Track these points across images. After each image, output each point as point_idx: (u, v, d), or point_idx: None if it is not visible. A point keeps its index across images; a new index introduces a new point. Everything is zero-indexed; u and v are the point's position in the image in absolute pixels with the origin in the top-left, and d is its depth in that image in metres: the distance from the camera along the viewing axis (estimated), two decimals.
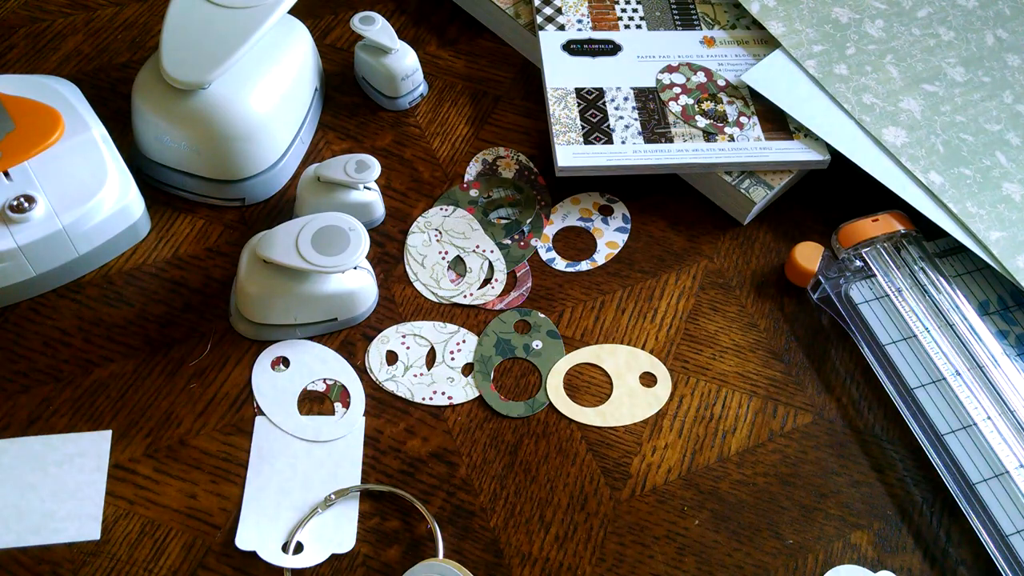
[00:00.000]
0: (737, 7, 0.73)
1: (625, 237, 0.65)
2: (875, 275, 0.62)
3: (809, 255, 0.62)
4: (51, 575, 0.51)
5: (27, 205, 0.57)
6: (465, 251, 0.64)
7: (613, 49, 0.70)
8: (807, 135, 0.65)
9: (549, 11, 0.71)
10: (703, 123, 0.66)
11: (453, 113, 0.71)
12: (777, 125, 0.66)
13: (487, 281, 0.63)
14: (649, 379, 0.59)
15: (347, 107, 0.70)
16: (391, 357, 0.59)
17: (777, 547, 0.54)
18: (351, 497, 0.54)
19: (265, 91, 0.62)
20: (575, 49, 0.69)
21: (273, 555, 0.52)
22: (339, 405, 0.57)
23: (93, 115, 0.62)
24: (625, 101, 0.66)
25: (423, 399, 0.58)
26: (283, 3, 0.61)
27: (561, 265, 0.64)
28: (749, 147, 0.64)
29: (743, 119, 0.66)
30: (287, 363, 0.59)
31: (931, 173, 0.63)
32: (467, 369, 0.59)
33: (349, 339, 0.60)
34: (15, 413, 0.56)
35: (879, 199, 0.65)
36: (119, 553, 0.52)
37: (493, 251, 0.64)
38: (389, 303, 0.61)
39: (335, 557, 0.52)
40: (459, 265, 0.63)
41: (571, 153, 0.64)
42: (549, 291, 0.63)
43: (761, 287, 0.64)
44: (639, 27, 0.71)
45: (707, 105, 0.67)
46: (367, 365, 0.59)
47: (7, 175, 0.58)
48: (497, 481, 0.55)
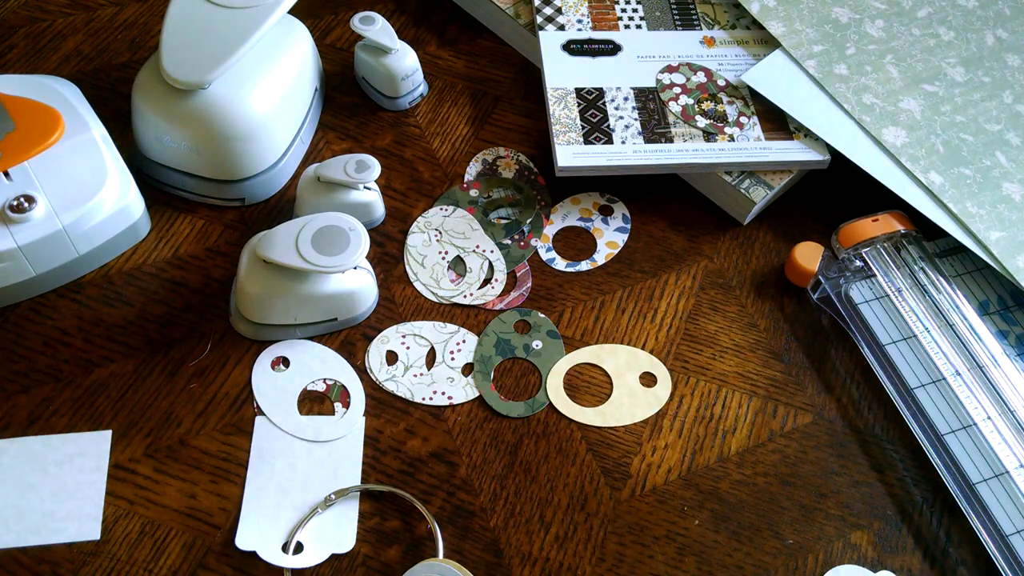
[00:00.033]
0: (737, 7, 0.73)
1: (625, 237, 0.65)
2: (875, 275, 0.62)
3: (809, 255, 0.62)
4: (51, 575, 0.51)
5: (27, 205, 0.57)
6: (465, 251, 0.64)
7: (613, 49, 0.69)
8: (807, 135, 0.65)
9: (549, 11, 0.71)
10: (703, 123, 0.66)
11: (453, 113, 0.71)
12: (777, 125, 0.66)
13: (487, 281, 0.63)
14: (649, 379, 0.59)
15: (347, 107, 0.70)
16: (391, 357, 0.59)
17: (777, 547, 0.54)
18: (351, 497, 0.54)
19: (265, 91, 0.62)
20: (575, 49, 0.69)
21: (273, 555, 0.52)
22: (339, 405, 0.57)
23: (93, 115, 0.62)
24: (625, 101, 0.66)
25: (423, 399, 0.58)
26: (283, 3, 0.61)
27: (561, 265, 0.64)
28: (749, 147, 0.64)
29: (743, 119, 0.66)
30: (287, 363, 0.59)
31: (931, 173, 0.63)
32: (467, 369, 0.59)
33: (349, 339, 0.60)
34: (15, 413, 0.56)
35: (879, 199, 0.65)
36: (119, 553, 0.52)
37: (493, 251, 0.64)
38: (389, 303, 0.61)
39: (335, 557, 0.52)
40: (459, 265, 0.63)
41: (571, 153, 0.64)
42: (549, 291, 0.63)
43: (761, 287, 0.64)
44: (639, 27, 0.71)
45: (707, 105, 0.67)
46: (367, 365, 0.59)
47: (7, 175, 0.58)
48: (497, 481, 0.55)
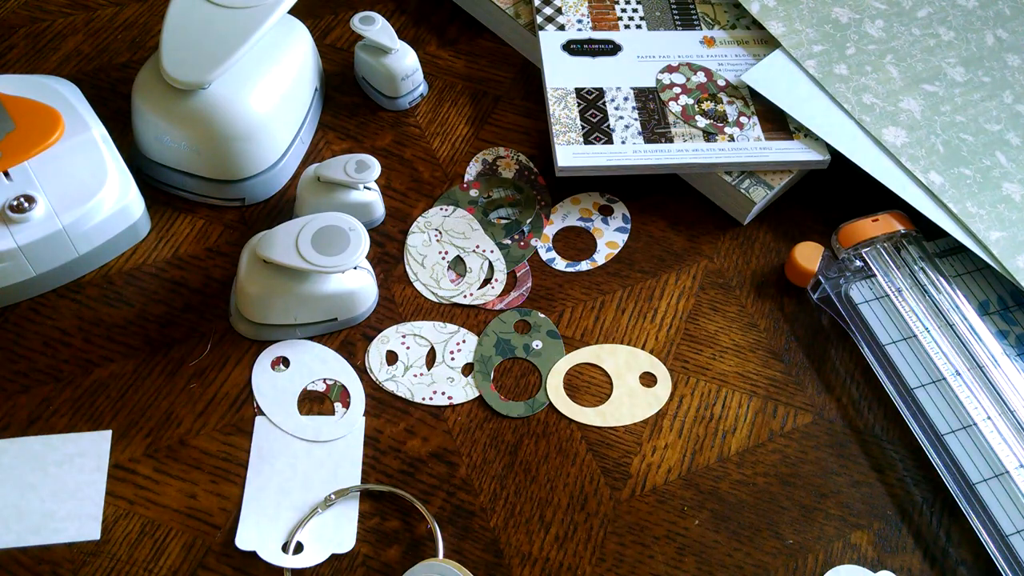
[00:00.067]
0: (737, 7, 0.73)
1: (625, 237, 0.65)
2: (875, 275, 0.62)
3: (809, 255, 0.62)
4: (51, 575, 0.51)
5: (27, 205, 0.57)
6: (465, 251, 0.64)
7: (613, 49, 0.69)
8: (807, 135, 0.65)
9: (549, 11, 0.71)
10: (703, 123, 0.66)
11: (453, 113, 0.71)
12: (777, 125, 0.66)
13: (487, 281, 0.63)
14: (649, 379, 0.59)
15: (347, 107, 0.70)
16: (391, 357, 0.59)
17: (777, 547, 0.54)
18: (351, 497, 0.54)
19: (265, 91, 0.62)
20: (575, 49, 0.69)
21: (273, 555, 0.52)
22: (339, 405, 0.57)
23: (93, 115, 0.62)
24: (625, 101, 0.66)
25: (423, 399, 0.58)
26: (283, 3, 0.61)
27: (561, 265, 0.64)
28: (749, 147, 0.64)
29: (743, 119, 0.66)
30: (287, 363, 0.59)
31: (931, 173, 0.63)
32: (467, 369, 0.59)
33: (349, 339, 0.60)
34: (15, 413, 0.56)
35: (879, 199, 0.64)
36: (119, 553, 0.52)
37: (493, 251, 0.64)
38: (389, 303, 0.61)
39: (335, 557, 0.52)
40: (459, 265, 0.63)
41: (571, 153, 0.64)
42: (549, 291, 0.63)
43: (761, 287, 0.64)
44: (639, 27, 0.71)
45: (707, 105, 0.67)
46: (367, 365, 0.59)
47: (7, 175, 0.58)
48: (497, 481, 0.55)
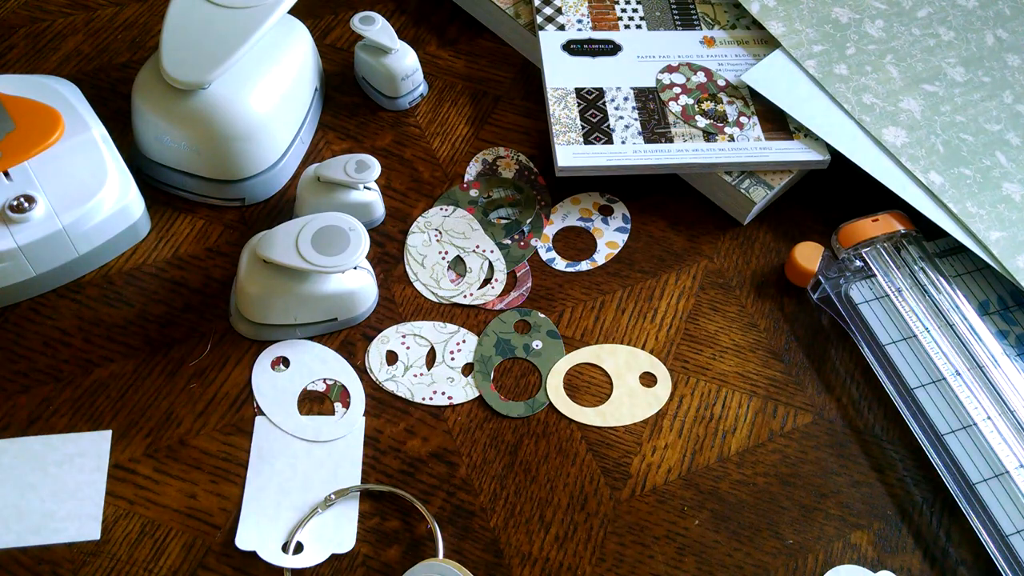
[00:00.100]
0: (737, 7, 0.73)
1: (625, 237, 0.65)
2: (875, 275, 0.62)
3: (809, 255, 0.62)
4: (51, 575, 0.51)
5: (27, 205, 0.57)
6: (465, 251, 0.64)
7: (613, 49, 0.69)
8: (807, 135, 0.65)
9: (549, 11, 0.71)
10: (703, 123, 0.66)
11: (453, 113, 0.71)
12: (777, 125, 0.66)
13: (487, 281, 0.63)
14: (649, 379, 0.59)
15: (347, 107, 0.70)
16: (391, 357, 0.59)
17: (777, 547, 0.54)
18: (351, 497, 0.54)
19: (265, 91, 0.62)
20: (575, 49, 0.69)
21: (273, 555, 0.52)
22: (339, 405, 0.57)
23: (93, 115, 0.62)
24: (625, 101, 0.66)
25: (423, 399, 0.58)
26: (283, 3, 0.61)
27: (561, 265, 0.64)
28: (749, 147, 0.64)
29: (743, 119, 0.66)
30: (287, 363, 0.59)
31: (931, 173, 0.63)
32: (467, 369, 0.59)
33: (349, 339, 0.60)
34: (15, 413, 0.56)
35: (879, 199, 0.64)
36: (119, 553, 0.52)
37: (493, 251, 0.64)
38: (389, 303, 0.61)
39: (335, 557, 0.52)
40: (459, 265, 0.63)
41: (571, 153, 0.64)
42: (549, 291, 0.63)
43: (761, 287, 0.64)
44: (639, 27, 0.71)
45: (707, 105, 0.67)
46: (367, 365, 0.59)
47: (7, 175, 0.58)
48: (497, 481, 0.55)
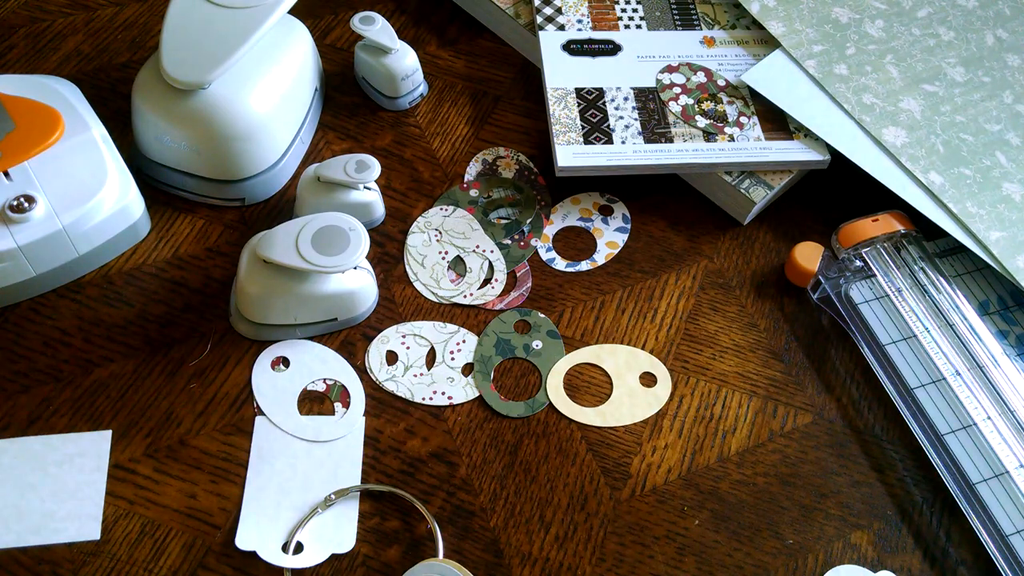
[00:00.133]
0: (737, 7, 0.73)
1: (625, 237, 0.65)
2: (875, 275, 0.62)
3: (809, 255, 0.62)
4: (51, 575, 0.51)
5: (27, 205, 0.57)
6: (465, 251, 0.64)
7: (613, 49, 0.69)
8: (807, 135, 0.65)
9: (549, 11, 0.71)
10: (703, 123, 0.66)
11: (453, 113, 0.71)
12: (777, 125, 0.66)
13: (487, 281, 0.63)
14: (649, 379, 0.59)
15: (347, 107, 0.70)
16: (391, 357, 0.59)
17: (777, 547, 0.54)
18: (351, 497, 0.54)
19: (265, 91, 0.62)
20: (575, 49, 0.69)
21: (273, 555, 0.52)
22: (339, 405, 0.57)
23: (93, 115, 0.62)
24: (625, 101, 0.66)
25: (423, 399, 0.58)
26: (283, 3, 0.61)
27: (561, 265, 0.64)
28: (749, 147, 0.64)
29: (743, 119, 0.66)
30: (287, 363, 0.59)
31: (931, 173, 0.63)
32: (467, 369, 0.59)
33: (349, 339, 0.60)
34: (15, 413, 0.56)
35: (879, 199, 0.64)
36: (119, 553, 0.52)
37: (493, 251, 0.64)
38: (389, 303, 0.61)
39: (335, 557, 0.52)
40: (459, 265, 0.63)
41: (571, 153, 0.64)
42: (549, 291, 0.63)
43: (761, 287, 0.64)
44: (639, 27, 0.71)
45: (707, 105, 0.67)
46: (367, 365, 0.59)
47: (7, 175, 0.58)
48: (497, 481, 0.55)
